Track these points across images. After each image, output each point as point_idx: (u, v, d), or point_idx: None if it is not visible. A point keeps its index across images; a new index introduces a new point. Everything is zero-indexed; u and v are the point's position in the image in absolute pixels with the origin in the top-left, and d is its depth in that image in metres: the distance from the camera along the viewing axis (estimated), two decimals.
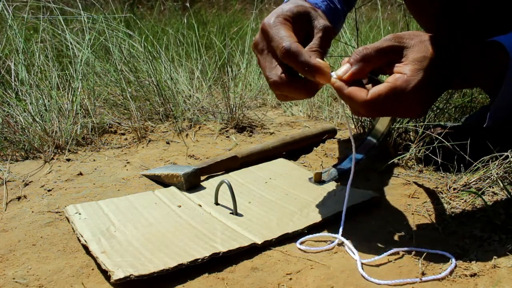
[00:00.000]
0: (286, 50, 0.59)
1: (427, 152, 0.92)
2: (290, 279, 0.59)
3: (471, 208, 0.77)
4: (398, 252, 0.64)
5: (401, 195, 0.84)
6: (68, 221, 0.74)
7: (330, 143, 1.09)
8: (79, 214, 0.73)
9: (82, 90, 1.28)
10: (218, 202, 0.79)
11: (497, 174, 0.80)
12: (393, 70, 0.59)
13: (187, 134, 1.22)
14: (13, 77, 1.29)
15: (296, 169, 0.95)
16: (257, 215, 0.75)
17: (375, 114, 0.59)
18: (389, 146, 0.97)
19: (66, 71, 1.38)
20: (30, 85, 1.27)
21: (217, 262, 0.62)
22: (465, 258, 0.62)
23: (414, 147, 0.94)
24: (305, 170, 0.94)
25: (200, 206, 0.78)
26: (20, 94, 1.26)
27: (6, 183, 0.89)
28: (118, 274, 0.56)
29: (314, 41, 0.63)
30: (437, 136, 0.88)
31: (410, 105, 0.58)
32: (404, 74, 0.57)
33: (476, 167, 0.84)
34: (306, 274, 0.60)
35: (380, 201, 0.81)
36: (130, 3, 2.71)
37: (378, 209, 0.78)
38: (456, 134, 0.89)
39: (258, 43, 0.65)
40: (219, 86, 1.55)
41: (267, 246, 0.66)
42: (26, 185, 0.89)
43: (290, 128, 1.31)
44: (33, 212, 0.78)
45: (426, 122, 0.96)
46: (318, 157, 1.04)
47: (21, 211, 0.79)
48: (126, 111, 1.32)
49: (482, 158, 0.83)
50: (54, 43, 1.59)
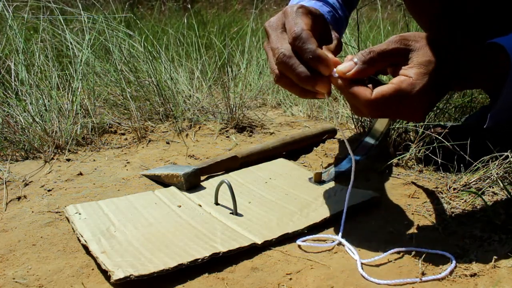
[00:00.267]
0: (296, 34, 0.60)
1: (427, 152, 0.92)
2: (290, 279, 0.59)
3: (471, 208, 0.77)
4: (398, 252, 0.64)
5: (401, 195, 0.84)
6: (68, 221, 0.74)
7: (330, 143, 1.09)
8: (79, 214, 0.73)
9: (82, 90, 1.28)
10: (218, 202, 0.79)
11: (497, 174, 0.80)
12: (397, 72, 0.59)
13: (187, 134, 1.22)
14: (13, 77, 1.29)
15: (296, 169, 0.95)
16: (257, 215, 0.75)
17: (378, 114, 0.59)
18: (389, 146, 0.97)
19: (66, 71, 1.38)
20: (30, 85, 1.27)
21: (217, 262, 0.62)
22: (465, 258, 0.62)
23: (414, 147, 0.94)
24: (305, 170, 0.94)
25: (200, 206, 0.78)
26: (20, 94, 1.26)
27: (6, 183, 0.89)
28: (118, 274, 0.56)
29: (333, 45, 0.65)
30: (437, 136, 0.88)
31: (413, 108, 0.58)
32: (409, 77, 0.57)
33: (476, 167, 0.84)
34: (306, 274, 0.60)
35: (380, 201, 0.81)
36: (130, 3, 2.71)
37: (378, 209, 0.78)
38: (456, 134, 0.89)
39: (275, 21, 0.65)
40: (219, 86, 1.55)
41: (267, 246, 0.66)
42: (26, 185, 0.89)
43: (290, 128, 1.31)
44: (33, 212, 0.78)
45: (426, 122, 0.96)
46: (318, 157, 1.04)
47: (21, 211, 0.79)
48: (126, 111, 1.32)
49: (482, 158, 0.83)
50: (54, 43, 1.59)
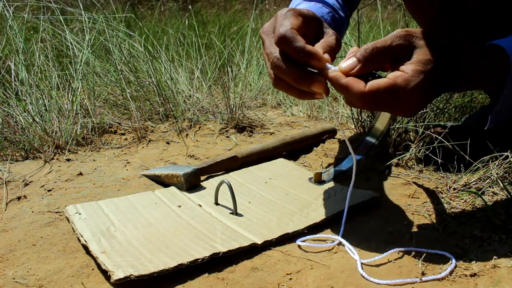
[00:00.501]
0: (280, 35, 0.59)
1: (427, 152, 0.92)
2: (290, 279, 0.59)
3: (471, 208, 0.77)
4: (398, 252, 0.64)
5: (401, 195, 0.84)
6: (68, 221, 0.74)
7: (330, 143, 1.09)
8: (79, 214, 0.73)
9: (82, 90, 1.28)
10: (218, 202, 0.79)
11: (497, 174, 0.80)
12: (397, 67, 0.58)
13: (187, 134, 1.22)
14: (13, 77, 1.29)
15: (296, 169, 0.95)
16: (257, 215, 0.75)
17: (370, 107, 0.59)
18: (389, 146, 0.97)
19: (66, 71, 1.38)
20: (30, 85, 1.27)
21: (217, 262, 0.62)
22: (465, 258, 0.62)
23: (414, 147, 0.94)
24: (305, 170, 0.94)
25: (200, 206, 0.78)
26: (20, 94, 1.26)
27: (6, 183, 0.89)
28: (118, 274, 0.56)
29: (326, 38, 0.64)
30: (437, 136, 0.88)
31: (406, 103, 0.58)
32: (405, 73, 0.57)
33: (476, 167, 0.84)
34: (306, 274, 0.60)
35: (380, 201, 0.81)
36: (131, 3, 2.71)
37: (378, 209, 0.78)
38: (456, 134, 0.89)
39: (268, 27, 0.65)
40: (219, 86, 1.55)
41: (267, 246, 0.66)
42: (26, 185, 0.89)
43: (290, 128, 1.31)
44: (33, 212, 0.78)
45: (426, 122, 0.96)
46: (318, 157, 1.04)
47: (21, 211, 0.79)
48: (126, 111, 1.32)
49: (482, 158, 0.83)
50: (54, 43, 1.59)
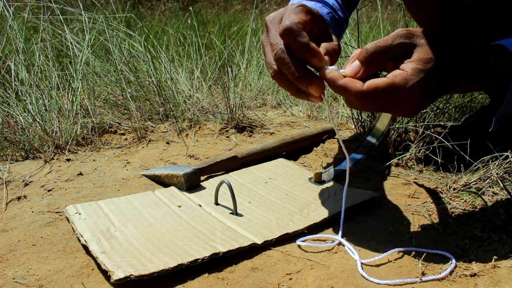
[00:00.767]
0: (287, 27, 0.59)
1: (427, 152, 0.92)
2: (290, 279, 0.59)
3: (471, 208, 0.77)
4: (398, 252, 0.64)
5: (401, 195, 0.84)
6: (68, 221, 0.74)
7: (330, 143, 1.09)
8: (79, 214, 0.73)
9: (82, 90, 1.28)
10: (218, 202, 0.79)
11: (497, 174, 0.80)
12: (398, 66, 0.58)
13: (187, 134, 1.22)
14: (13, 77, 1.29)
15: (296, 169, 0.95)
16: (257, 215, 0.75)
17: (369, 107, 0.59)
18: (389, 146, 0.97)
19: (66, 71, 1.38)
20: (30, 85, 1.27)
21: (217, 262, 0.62)
22: (465, 258, 0.62)
23: (414, 147, 0.94)
24: (305, 170, 0.94)
25: (200, 206, 0.78)
26: (20, 94, 1.26)
27: (6, 183, 0.89)
28: (118, 274, 0.56)
29: (331, 42, 0.64)
30: (437, 136, 0.88)
31: (404, 103, 0.57)
32: (405, 72, 0.56)
33: (476, 167, 0.84)
34: (306, 274, 0.60)
35: (380, 201, 0.81)
36: (132, 3, 2.71)
37: (378, 209, 0.78)
38: (456, 134, 0.89)
39: (275, 16, 0.65)
40: (219, 86, 1.55)
41: (267, 246, 0.66)
42: (26, 185, 0.89)
43: (290, 128, 1.31)
44: (33, 212, 0.78)
45: (426, 122, 0.96)
46: (318, 157, 1.04)
47: (21, 211, 0.79)
48: (126, 111, 1.32)
49: (482, 158, 0.83)
50: (54, 43, 1.59)
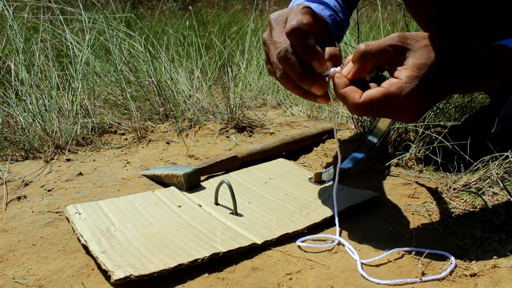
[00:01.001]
0: (295, 28, 0.59)
1: (427, 152, 0.92)
2: (290, 279, 0.59)
3: (471, 208, 0.77)
4: (398, 252, 0.64)
5: (401, 195, 0.84)
6: (68, 221, 0.74)
7: (330, 143, 1.09)
8: (79, 214, 0.73)
9: (82, 90, 1.28)
10: (218, 202, 0.79)
11: (497, 174, 0.80)
12: (392, 73, 0.59)
13: (187, 134, 1.22)
14: (13, 77, 1.29)
15: (296, 169, 0.95)
16: (257, 215, 0.75)
17: (367, 115, 0.60)
18: (389, 146, 0.97)
19: (66, 71, 1.38)
20: (30, 85, 1.27)
21: (217, 262, 0.62)
22: (465, 258, 0.62)
23: (414, 147, 0.94)
24: (305, 170, 0.94)
25: (200, 206, 0.78)
26: (20, 94, 1.26)
27: (6, 183, 0.89)
28: (118, 274, 0.56)
29: (333, 48, 0.63)
30: (437, 136, 0.88)
31: (402, 110, 0.58)
32: (400, 80, 0.57)
33: (476, 167, 0.84)
34: (306, 274, 0.60)
35: (380, 201, 0.81)
36: (132, 3, 2.71)
37: (378, 209, 0.78)
38: (456, 134, 0.89)
39: (280, 15, 0.64)
40: (219, 86, 1.55)
41: (267, 246, 0.66)
42: (26, 185, 0.89)
43: (290, 128, 1.31)
44: (33, 212, 0.78)
45: (426, 122, 0.96)
46: (318, 157, 1.04)
47: (21, 211, 0.79)
48: (126, 111, 1.32)
49: (482, 158, 0.83)
50: (54, 43, 1.59)
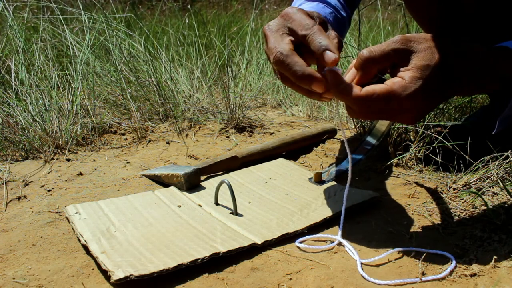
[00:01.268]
0: (278, 58, 0.60)
1: (427, 152, 0.92)
2: (290, 279, 0.59)
3: (471, 208, 0.77)
4: (398, 252, 0.64)
5: (401, 195, 0.84)
6: (68, 221, 0.74)
7: (330, 143, 1.09)
8: (79, 214, 0.73)
9: (82, 90, 1.28)
10: (218, 202, 0.79)
11: (497, 174, 0.80)
12: (395, 73, 0.58)
13: (187, 134, 1.22)
14: (13, 77, 1.29)
15: (296, 169, 0.95)
16: (257, 215, 0.75)
17: (367, 112, 0.59)
18: (389, 146, 0.97)
19: (66, 71, 1.38)
20: (30, 85, 1.27)
21: (217, 262, 0.62)
22: (465, 258, 0.62)
23: (414, 147, 0.94)
24: (305, 170, 0.94)
25: (200, 206, 0.78)
26: (20, 94, 1.26)
27: (6, 183, 0.89)
28: (118, 274, 0.56)
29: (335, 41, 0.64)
30: (437, 136, 0.88)
31: (403, 110, 0.58)
32: (403, 80, 0.57)
33: (476, 167, 0.84)
34: (306, 274, 0.60)
35: (380, 201, 0.81)
36: (132, 3, 2.71)
37: (378, 209, 0.78)
38: (456, 134, 0.89)
39: (274, 25, 0.64)
40: (219, 86, 1.55)
41: (267, 246, 0.66)
42: (26, 185, 0.89)
43: (290, 128, 1.31)
44: (33, 212, 0.78)
45: (426, 122, 0.96)
46: (318, 157, 1.04)
47: (21, 211, 0.79)
48: (126, 111, 1.32)
49: (482, 158, 0.83)
50: (54, 43, 1.59)
